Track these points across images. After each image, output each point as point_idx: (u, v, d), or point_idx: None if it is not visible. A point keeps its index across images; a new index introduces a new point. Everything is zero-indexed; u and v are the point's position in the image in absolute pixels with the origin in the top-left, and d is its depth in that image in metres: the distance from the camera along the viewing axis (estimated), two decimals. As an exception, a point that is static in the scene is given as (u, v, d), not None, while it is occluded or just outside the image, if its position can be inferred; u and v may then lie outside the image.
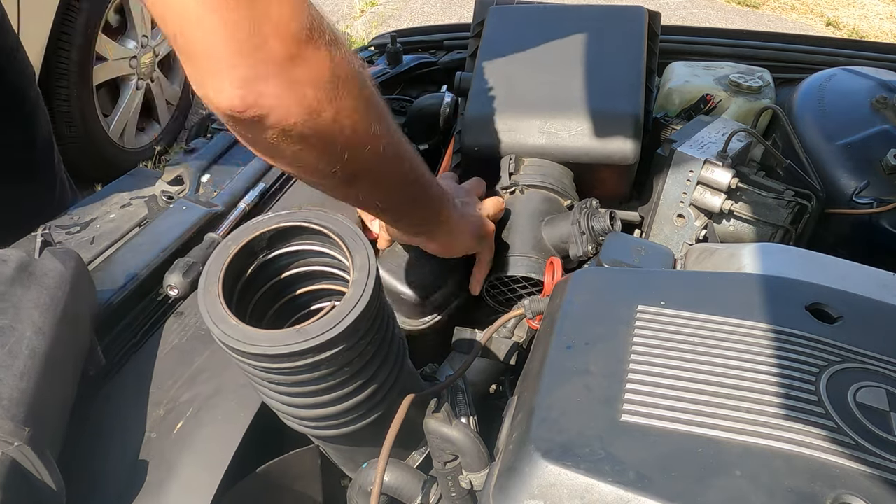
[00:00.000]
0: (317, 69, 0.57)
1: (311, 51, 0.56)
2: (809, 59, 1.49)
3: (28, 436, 0.56)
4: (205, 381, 0.79)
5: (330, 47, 0.57)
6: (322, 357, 0.51)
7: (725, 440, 0.47)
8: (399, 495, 0.69)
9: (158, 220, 1.01)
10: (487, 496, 0.50)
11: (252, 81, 0.54)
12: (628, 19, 1.21)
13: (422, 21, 4.73)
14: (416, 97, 1.45)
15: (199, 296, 0.53)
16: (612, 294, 0.62)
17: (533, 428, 0.49)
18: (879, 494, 0.44)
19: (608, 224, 0.93)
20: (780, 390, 0.50)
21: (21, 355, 0.64)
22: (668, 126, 1.16)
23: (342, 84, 0.59)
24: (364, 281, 0.53)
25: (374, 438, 0.62)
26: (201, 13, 0.52)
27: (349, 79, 0.60)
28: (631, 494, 0.45)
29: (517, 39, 1.21)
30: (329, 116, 0.59)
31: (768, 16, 5.19)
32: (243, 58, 0.53)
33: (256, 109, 0.55)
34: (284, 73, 0.55)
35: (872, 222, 1.00)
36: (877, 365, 0.53)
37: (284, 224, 0.57)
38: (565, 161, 1.06)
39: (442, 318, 0.97)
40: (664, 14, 1.29)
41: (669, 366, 0.53)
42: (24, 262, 0.73)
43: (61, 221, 1.02)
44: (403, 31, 1.68)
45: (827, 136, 1.09)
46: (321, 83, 0.57)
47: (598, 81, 1.09)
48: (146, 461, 0.71)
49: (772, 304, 0.58)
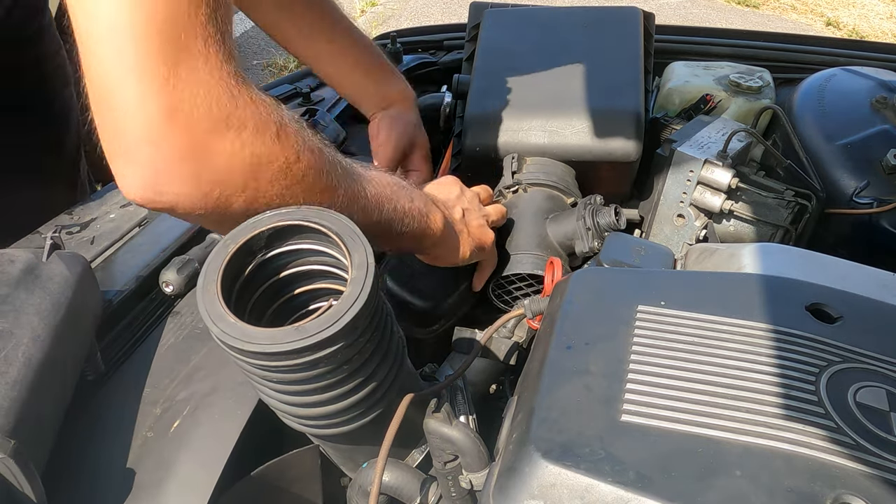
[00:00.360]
0: (224, 163, 0.53)
1: (219, 143, 0.52)
2: (809, 59, 1.49)
3: (13, 448, 0.55)
4: (201, 379, 0.79)
5: (247, 134, 0.54)
6: (321, 355, 0.51)
7: (725, 440, 0.47)
8: (399, 495, 0.69)
9: (158, 220, 1.01)
10: (487, 496, 0.50)
11: (153, 175, 0.51)
12: (623, 20, 1.22)
13: (422, 21, 4.74)
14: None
15: (198, 294, 0.53)
16: (612, 294, 0.62)
17: (533, 428, 0.49)
18: (879, 494, 0.44)
19: (613, 219, 0.93)
20: (780, 390, 0.50)
21: (16, 363, 0.63)
22: (668, 126, 1.16)
23: (260, 173, 0.56)
24: (362, 279, 0.53)
25: (374, 437, 0.62)
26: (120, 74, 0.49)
27: (267, 165, 0.56)
28: (631, 494, 0.44)
29: (514, 41, 1.21)
30: (242, 205, 0.56)
31: (768, 16, 5.20)
32: (148, 146, 0.50)
33: (160, 203, 0.53)
34: (186, 167, 0.52)
35: (872, 222, 1.00)
36: (877, 365, 0.53)
37: (283, 223, 0.57)
38: (567, 159, 1.06)
39: (450, 324, 0.97)
40: (664, 14, 1.29)
41: (669, 366, 0.53)
42: (30, 264, 0.73)
43: (61, 221, 1.02)
44: (403, 31, 1.68)
45: (827, 136, 1.09)
46: (229, 178, 0.54)
47: (598, 80, 1.09)
48: (143, 460, 0.71)
49: (772, 304, 0.58)
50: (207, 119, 0.51)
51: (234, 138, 0.53)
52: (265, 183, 0.57)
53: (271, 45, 4.29)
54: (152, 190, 0.52)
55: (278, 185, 0.58)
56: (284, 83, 1.50)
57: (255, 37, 4.41)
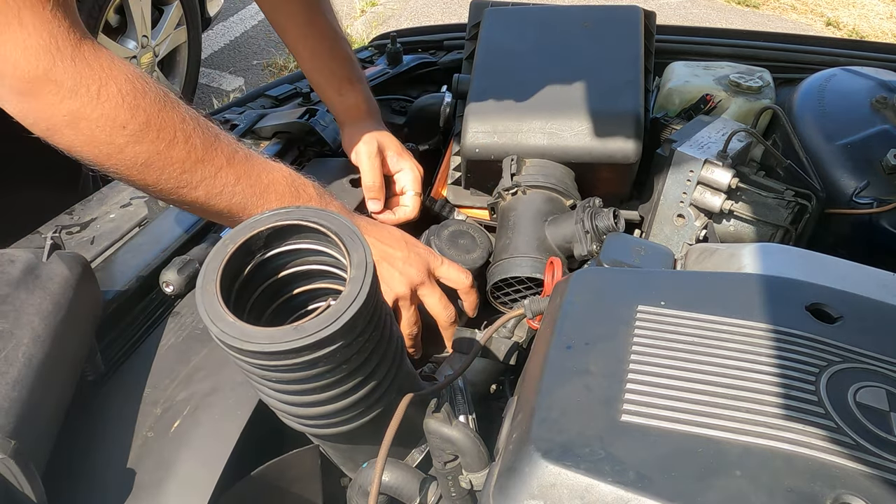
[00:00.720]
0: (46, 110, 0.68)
1: (39, 93, 0.66)
2: (809, 59, 1.49)
3: (13, 448, 0.56)
4: (201, 379, 0.79)
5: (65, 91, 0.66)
6: (320, 354, 0.51)
7: (725, 440, 0.47)
8: (399, 495, 0.69)
9: (158, 220, 1.01)
10: (487, 496, 0.50)
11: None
12: (624, 19, 1.21)
13: (422, 21, 4.74)
14: (416, 97, 1.45)
15: (197, 294, 0.53)
16: (612, 294, 0.62)
17: (533, 428, 0.49)
18: (879, 494, 0.44)
19: (612, 222, 0.93)
20: (780, 390, 0.50)
21: (17, 363, 0.64)
22: (668, 126, 1.16)
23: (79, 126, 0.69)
24: (361, 278, 0.53)
25: (373, 437, 0.62)
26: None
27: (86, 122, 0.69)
28: (631, 494, 0.44)
29: (515, 41, 1.21)
30: (66, 144, 0.70)
31: (768, 16, 5.20)
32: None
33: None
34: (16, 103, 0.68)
35: (872, 222, 1.00)
36: (877, 365, 0.53)
37: (282, 223, 0.57)
38: (567, 161, 1.06)
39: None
40: (664, 14, 1.29)
41: (669, 366, 0.53)
42: (31, 264, 0.73)
43: (61, 221, 1.02)
44: (403, 31, 1.68)
45: (827, 136, 1.09)
46: (52, 121, 0.68)
47: (598, 81, 1.09)
48: (143, 460, 0.71)
49: (772, 304, 0.58)
50: (28, 71, 0.65)
51: (54, 92, 0.67)
52: (85, 133, 0.69)
53: (271, 45, 4.29)
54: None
55: (101, 137, 0.70)
56: (284, 83, 1.50)
57: (255, 37, 4.41)
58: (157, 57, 2.96)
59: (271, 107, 1.41)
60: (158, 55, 2.98)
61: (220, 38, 4.39)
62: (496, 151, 1.07)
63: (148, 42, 2.89)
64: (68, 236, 0.98)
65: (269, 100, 1.44)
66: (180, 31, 3.27)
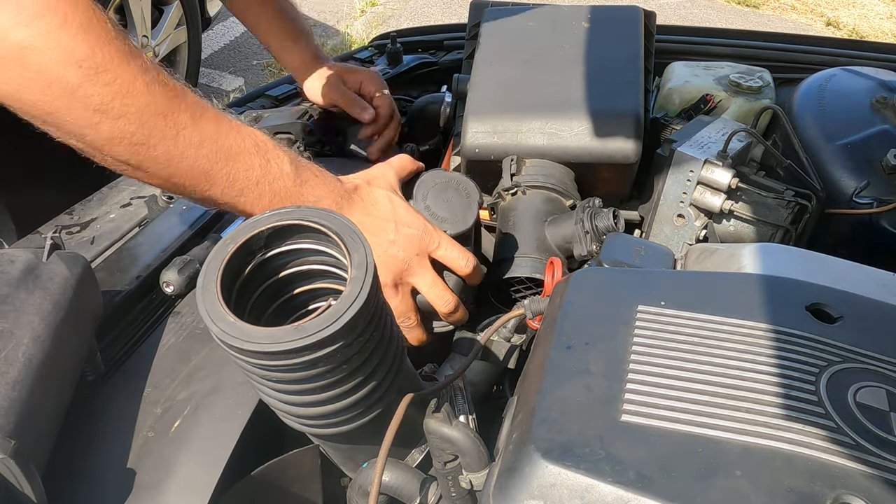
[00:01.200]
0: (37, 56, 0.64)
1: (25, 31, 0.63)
2: (809, 59, 1.49)
3: (13, 448, 0.56)
4: (202, 379, 0.79)
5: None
6: (320, 354, 0.51)
7: (725, 440, 0.47)
8: (399, 495, 0.69)
9: (158, 220, 1.02)
10: (487, 496, 0.50)
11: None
12: (624, 19, 1.21)
13: (422, 21, 4.74)
14: (416, 97, 1.45)
15: (198, 294, 0.53)
16: (612, 294, 0.62)
17: (533, 428, 0.49)
18: (879, 494, 0.44)
19: (612, 222, 0.93)
20: (780, 390, 0.50)
21: (17, 363, 0.64)
22: (668, 126, 1.16)
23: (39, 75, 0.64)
24: (362, 278, 0.53)
25: (374, 437, 0.62)
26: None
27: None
28: (631, 494, 0.44)
29: (514, 41, 1.21)
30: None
31: (768, 16, 5.20)
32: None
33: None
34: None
35: (872, 222, 1.00)
36: (877, 365, 0.53)
37: (282, 222, 0.57)
38: (567, 161, 1.06)
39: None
40: (664, 14, 1.29)
41: (669, 366, 0.53)
42: (31, 264, 0.73)
43: (61, 221, 1.02)
44: (403, 31, 1.68)
45: (827, 136, 1.09)
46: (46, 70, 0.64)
47: (598, 81, 1.09)
48: (143, 460, 0.71)
49: (772, 304, 0.58)
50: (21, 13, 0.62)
51: (11, 14, 0.63)
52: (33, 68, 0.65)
53: (271, 46, 4.29)
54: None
55: (53, 74, 0.65)
56: (284, 83, 1.50)
57: (254, 37, 4.40)
58: (157, 57, 2.97)
59: (271, 107, 1.41)
60: (158, 55, 2.99)
61: (220, 38, 4.39)
62: (496, 151, 1.07)
63: (148, 42, 2.89)
64: (68, 236, 0.98)
65: (269, 100, 1.44)
66: (180, 31, 3.28)
